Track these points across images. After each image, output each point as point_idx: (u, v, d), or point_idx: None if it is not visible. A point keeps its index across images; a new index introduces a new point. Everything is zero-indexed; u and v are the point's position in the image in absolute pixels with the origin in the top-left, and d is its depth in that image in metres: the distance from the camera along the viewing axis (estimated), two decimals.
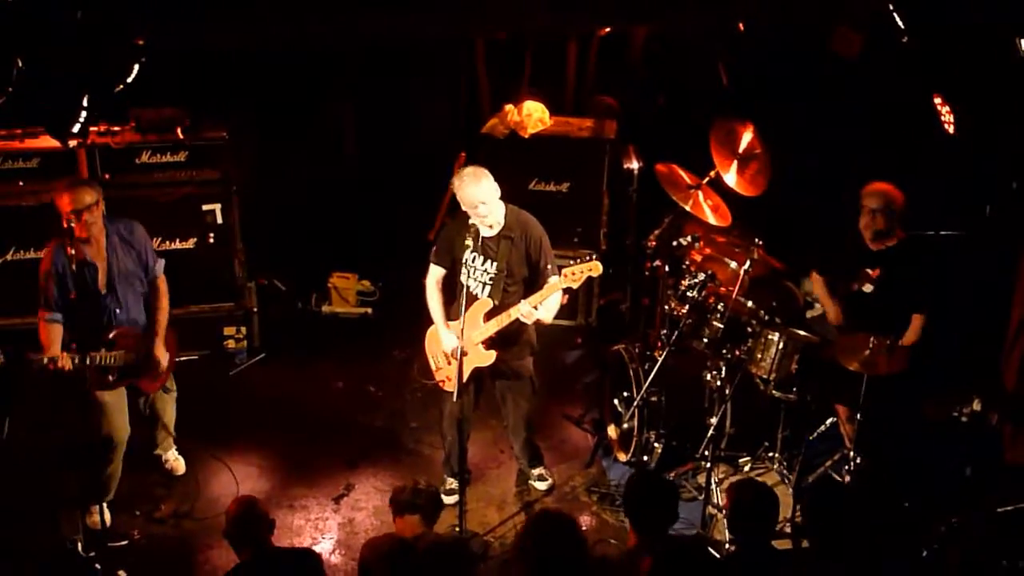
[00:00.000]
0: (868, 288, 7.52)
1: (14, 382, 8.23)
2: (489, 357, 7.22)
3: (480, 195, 6.95)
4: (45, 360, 6.95)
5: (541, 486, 8.00)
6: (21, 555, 7.13)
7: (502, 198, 7.22)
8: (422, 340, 7.60)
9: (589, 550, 5.68)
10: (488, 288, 7.13)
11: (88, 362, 6.99)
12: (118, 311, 7.27)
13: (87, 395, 7.22)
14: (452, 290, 7.39)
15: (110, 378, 7.19)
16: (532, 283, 7.24)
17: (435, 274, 7.39)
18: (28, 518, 7.51)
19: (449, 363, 7.38)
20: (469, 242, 7.05)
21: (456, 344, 7.14)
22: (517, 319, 7.08)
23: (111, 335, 7.20)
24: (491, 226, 7.05)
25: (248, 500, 6.03)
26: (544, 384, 9.17)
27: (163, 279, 7.55)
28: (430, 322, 7.46)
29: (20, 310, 8.32)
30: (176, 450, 8.08)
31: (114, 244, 7.26)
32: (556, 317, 9.73)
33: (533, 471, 8.03)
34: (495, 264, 7.11)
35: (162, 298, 7.52)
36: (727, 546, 7.08)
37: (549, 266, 7.22)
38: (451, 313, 7.36)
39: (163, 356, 7.46)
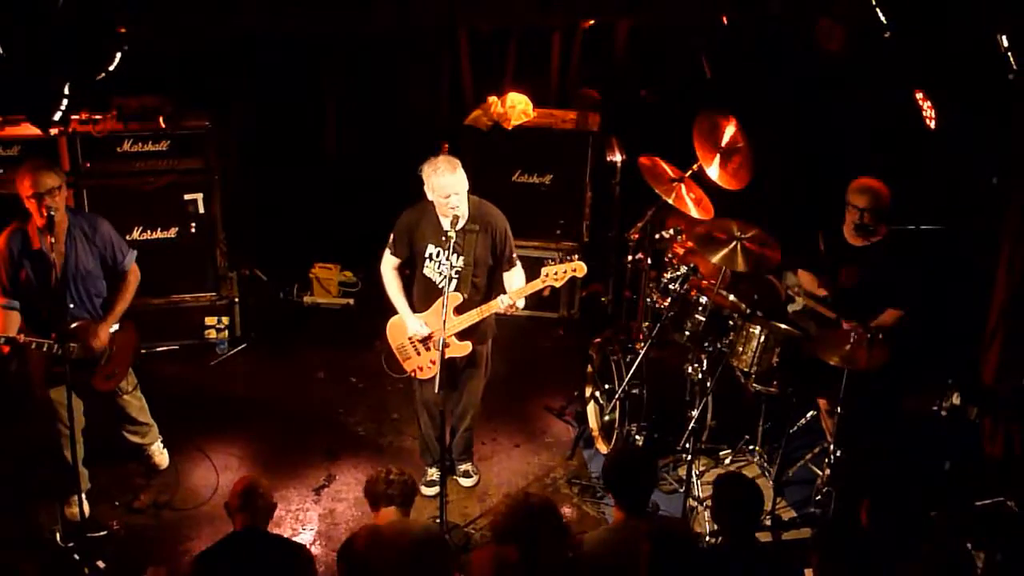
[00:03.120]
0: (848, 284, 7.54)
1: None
2: (465, 348, 7.23)
3: (454, 185, 6.91)
4: (3, 340, 6.79)
5: (466, 482, 7.98)
6: None
7: (478, 188, 7.21)
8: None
9: (570, 537, 5.68)
10: (455, 282, 7.05)
11: (45, 350, 6.84)
12: (72, 306, 7.10)
13: (35, 387, 7.19)
14: (408, 279, 7.41)
15: (57, 370, 6.93)
16: (494, 272, 7.25)
17: (391, 263, 7.36)
18: (6, 509, 7.48)
19: (419, 352, 7.37)
20: (431, 237, 7.10)
21: (424, 331, 7.23)
22: (494, 312, 7.11)
23: (73, 326, 7.01)
24: (456, 219, 6.95)
25: (254, 478, 5.99)
26: (525, 375, 9.24)
27: (134, 269, 7.39)
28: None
29: None
30: (161, 443, 7.99)
31: (75, 238, 7.11)
32: (538, 309, 9.87)
33: (460, 466, 8.00)
34: (462, 258, 7.06)
35: (128, 286, 7.35)
36: (708, 538, 7.09)
37: (513, 255, 7.24)
38: (412, 306, 7.37)
39: (105, 336, 7.18)
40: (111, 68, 7.94)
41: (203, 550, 5.86)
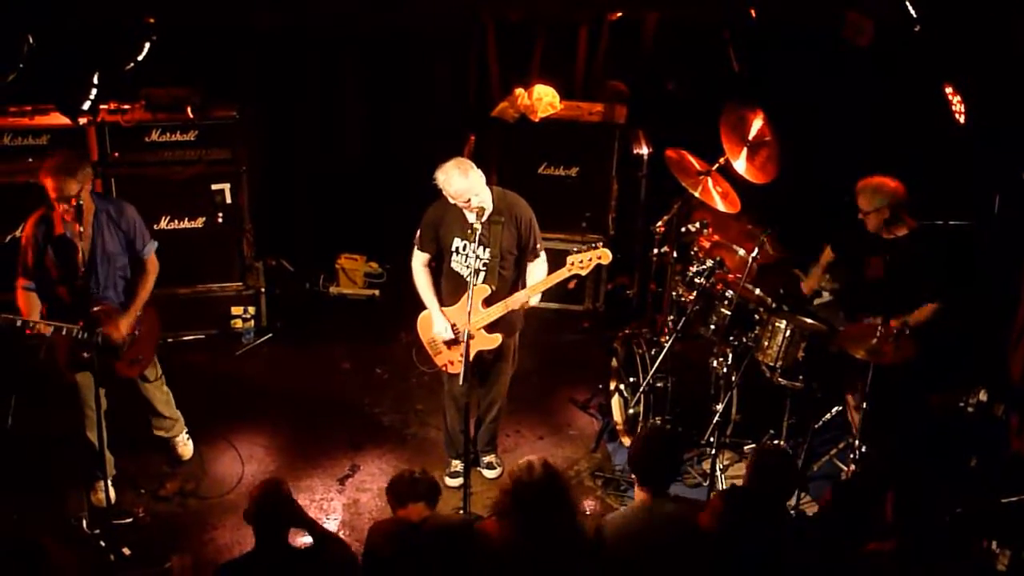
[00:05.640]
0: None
1: (18, 364, 8.25)
2: (495, 340, 7.22)
3: (470, 189, 6.87)
4: (19, 323, 6.81)
5: (490, 474, 7.98)
6: (26, 532, 7.16)
7: (504, 180, 7.19)
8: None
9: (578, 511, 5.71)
10: (483, 274, 7.05)
11: (64, 333, 6.87)
12: (96, 291, 7.12)
13: (61, 372, 7.22)
14: (437, 273, 7.41)
15: (85, 355, 6.95)
16: (521, 262, 7.25)
17: (420, 259, 7.35)
18: (34, 496, 7.52)
19: (449, 347, 7.38)
20: (457, 231, 7.09)
21: (448, 330, 7.24)
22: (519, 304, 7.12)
23: (94, 310, 7.03)
24: (480, 211, 6.93)
25: (273, 485, 5.82)
26: (550, 368, 9.23)
27: (153, 259, 7.41)
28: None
29: None
30: (186, 434, 8.03)
31: (101, 223, 7.12)
32: (563, 302, 9.87)
33: (484, 458, 8.01)
34: (488, 250, 7.04)
35: (148, 277, 7.37)
36: None
37: (538, 245, 7.23)
38: (441, 299, 7.38)
39: (126, 329, 7.20)
40: (140, 58, 7.99)
41: None
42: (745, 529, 5.63)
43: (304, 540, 6.21)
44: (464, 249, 7.12)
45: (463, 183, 6.85)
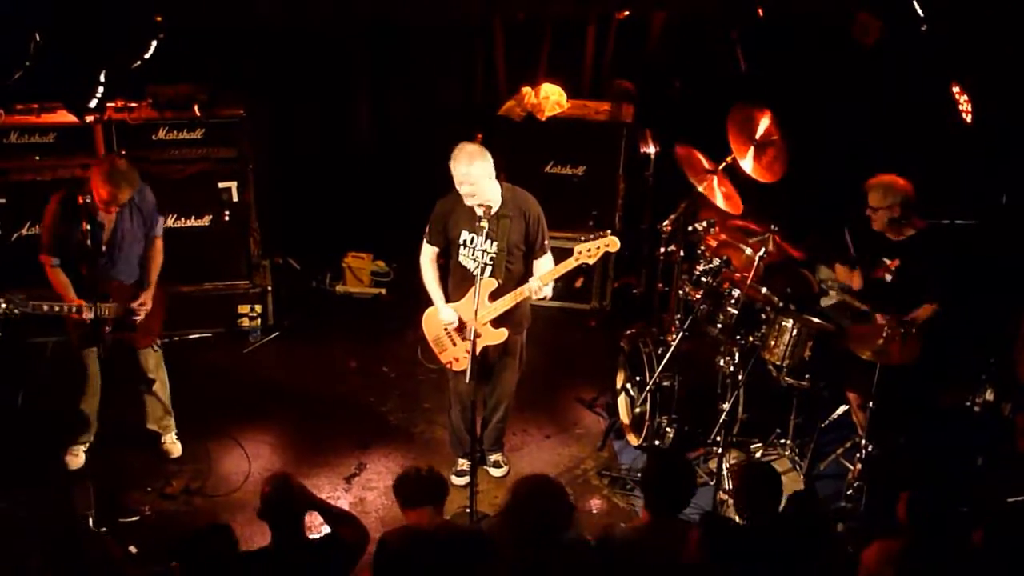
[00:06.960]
0: (888, 277, 7.47)
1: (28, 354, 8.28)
2: (501, 335, 7.20)
3: (467, 175, 6.85)
4: (46, 307, 7.01)
5: (496, 473, 7.97)
6: (33, 529, 7.17)
7: (510, 179, 7.19)
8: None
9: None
10: (490, 268, 7.05)
11: (95, 312, 7.05)
12: (111, 269, 7.26)
13: (74, 348, 7.42)
14: (444, 269, 7.40)
15: (107, 329, 7.12)
16: (528, 257, 7.23)
17: (429, 253, 7.34)
18: (41, 491, 7.53)
19: (455, 343, 7.37)
20: (465, 224, 7.08)
21: (456, 319, 7.22)
22: (526, 297, 7.10)
23: (106, 287, 7.20)
24: (485, 206, 6.95)
25: (279, 480, 5.82)
26: (557, 367, 9.22)
27: (161, 238, 7.60)
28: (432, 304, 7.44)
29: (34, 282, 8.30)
30: (175, 434, 8.04)
31: (124, 205, 7.23)
32: (570, 300, 9.86)
33: (491, 456, 7.99)
34: (495, 244, 7.04)
35: (158, 254, 7.55)
36: None
37: (546, 242, 7.21)
38: (448, 295, 7.37)
39: (149, 305, 7.40)
40: (147, 56, 8.00)
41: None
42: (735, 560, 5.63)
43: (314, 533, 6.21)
44: (472, 243, 7.12)
45: (464, 169, 6.85)
